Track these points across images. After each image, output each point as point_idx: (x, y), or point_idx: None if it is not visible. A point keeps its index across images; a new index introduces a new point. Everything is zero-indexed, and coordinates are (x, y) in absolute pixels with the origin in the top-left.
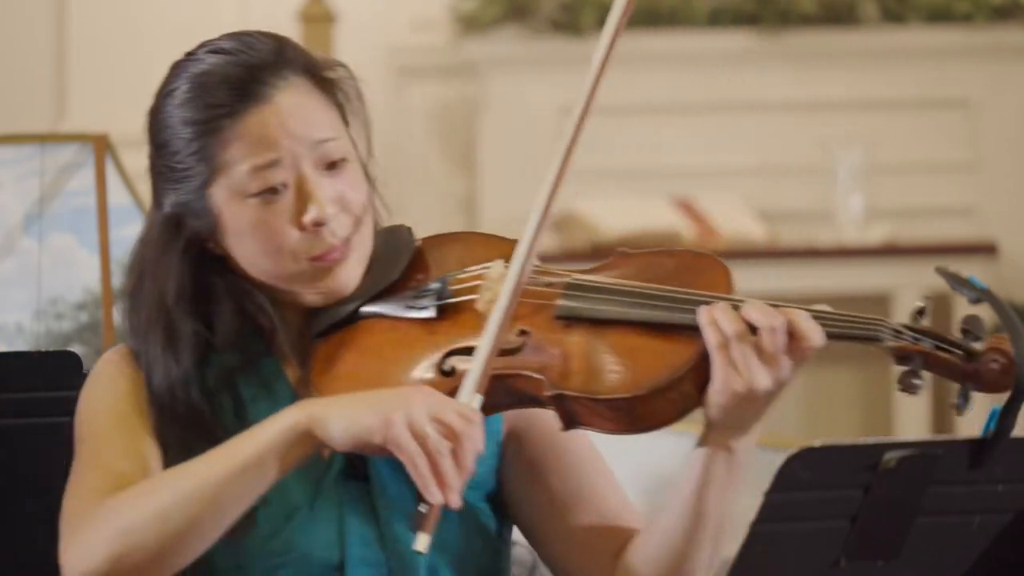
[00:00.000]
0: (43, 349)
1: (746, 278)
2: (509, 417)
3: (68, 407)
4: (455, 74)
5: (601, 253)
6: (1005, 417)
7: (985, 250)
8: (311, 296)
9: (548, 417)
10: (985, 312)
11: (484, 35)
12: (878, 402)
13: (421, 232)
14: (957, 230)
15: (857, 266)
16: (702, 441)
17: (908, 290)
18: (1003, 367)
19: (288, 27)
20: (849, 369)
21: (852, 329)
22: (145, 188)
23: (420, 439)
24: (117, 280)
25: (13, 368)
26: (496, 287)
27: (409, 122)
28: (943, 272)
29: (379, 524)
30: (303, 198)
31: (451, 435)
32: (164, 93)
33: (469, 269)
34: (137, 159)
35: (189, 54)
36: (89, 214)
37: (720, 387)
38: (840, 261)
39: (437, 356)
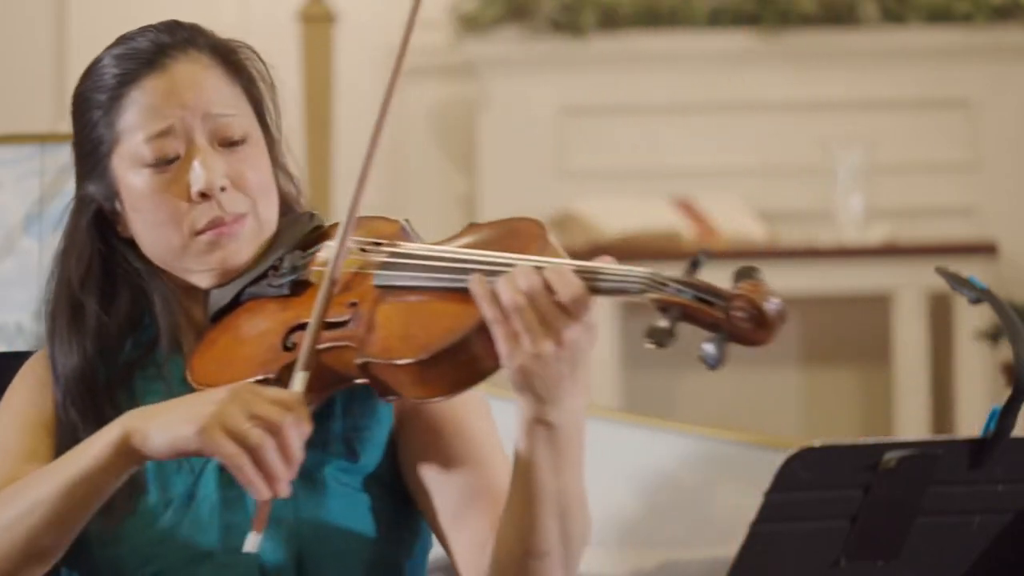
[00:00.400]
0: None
1: None
2: (400, 402)
3: None
4: (455, 74)
5: (601, 253)
6: (1005, 417)
7: (985, 250)
8: (201, 275)
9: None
10: (985, 312)
11: (484, 35)
12: (878, 402)
13: (421, 232)
14: (957, 230)
15: (857, 266)
16: (519, 417)
17: (908, 290)
18: (751, 316)
19: (288, 27)
20: (849, 369)
21: (612, 282)
22: None
23: (239, 439)
24: None
25: (13, 368)
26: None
27: (409, 122)
28: (943, 272)
29: (250, 512)
30: (191, 169)
31: (271, 427)
32: (81, 76)
33: (320, 245)
34: None
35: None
36: None
37: (507, 358)
38: (840, 261)
39: (283, 332)
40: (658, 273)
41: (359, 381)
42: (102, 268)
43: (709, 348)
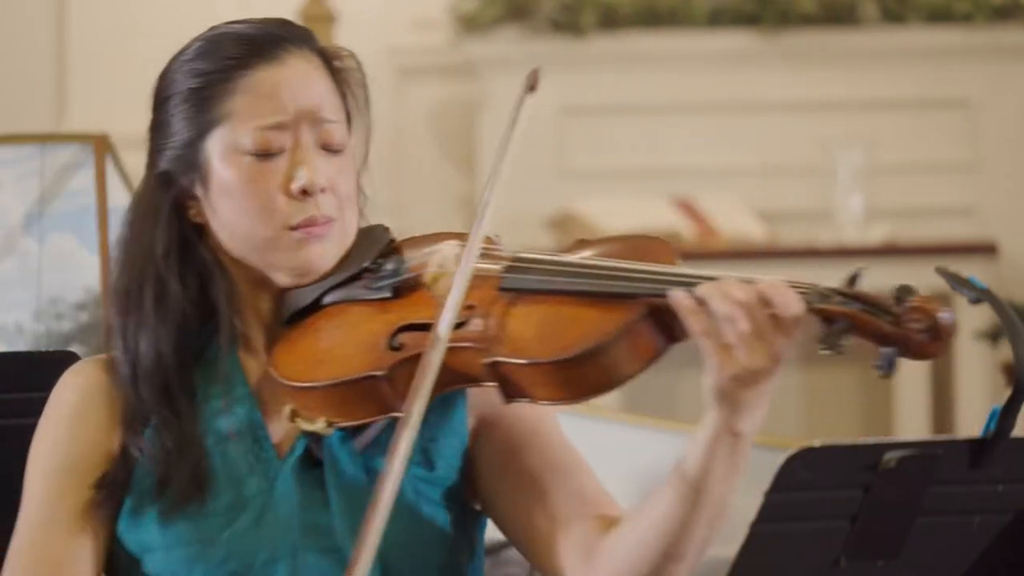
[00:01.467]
0: (43, 349)
1: None
2: (476, 408)
3: None
4: (455, 74)
5: None
6: (1005, 417)
7: (985, 250)
8: (281, 273)
9: (519, 408)
10: (985, 312)
11: (484, 35)
12: (878, 402)
13: (421, 232)
14: (957, 230)
15: (857, 266)
16: (706, 424)
17: None
18: (927, 328)
19: None
20: (849, 369)
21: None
22: None
23: None
24: None
25: (13, 368)
26: (448, 264)
27: (409, 122)
28: (943, 272)
29: (333, 513)
30: (296, 165)
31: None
32: (175, 56)
33: (424, 250)
34: (137, 159)
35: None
36: (89, 214)
37: (716, 370)
38: (840, 261)
39: (388, 333)
40: (826, 286)
41: (484, 383)
42: (180, 250)
43: (884, 361)
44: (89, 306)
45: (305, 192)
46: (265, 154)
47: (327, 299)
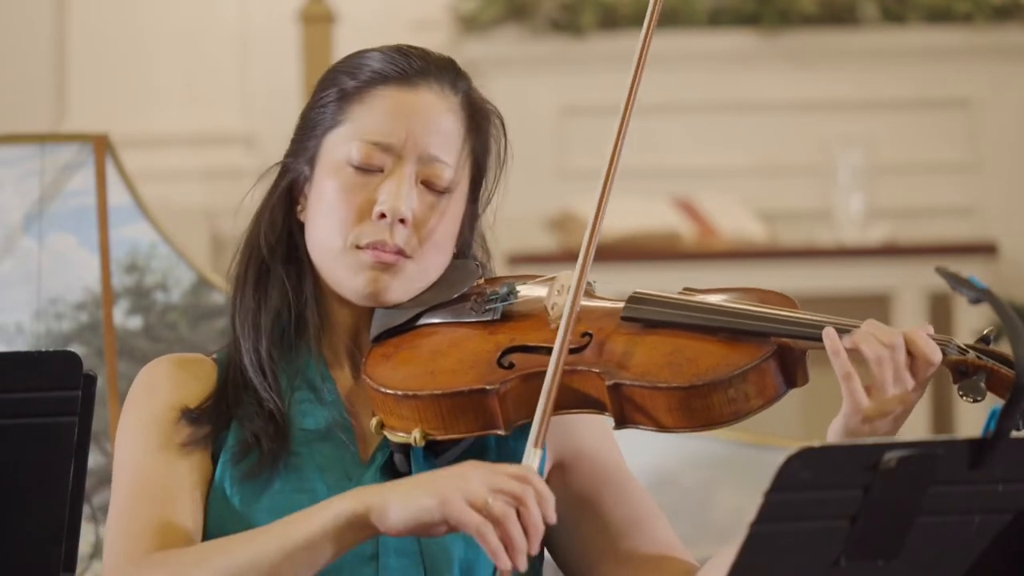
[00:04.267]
0: (43, 349)
1: (746, 278)
2: (554, 450)
3: (68, 407)
4: None
5: (601, 253)
6: (1005, 417)
7: (985, 250)
8: (349, 289)
9: (599, 449)
10: (985, 312)
11: (484, 35)
12: None
13: None
14: (957, 230)
15: (857, 266)
16: None
17: (908, 290)
18: None
19: (288, 27)
20: None
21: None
22: (145, 188)
23: (483, 510)
24: (117, 280)
25: (13, 368)
26: (565, 293)
27: None
28: (943, 272)
29: None
30: (385, 189)
31: (514, 500)
32: (348, 56)
33: (536, 278)
34: (137, 159)
35: None
36: (89, 214)
37: (848, 410)
38: (840, 261)
39: (497, 351)
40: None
41: (600, 407)
42: (287, 242)
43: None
44: (89, 306)
45: (383, 216)
46: (365, 169)
47: (423, 320)
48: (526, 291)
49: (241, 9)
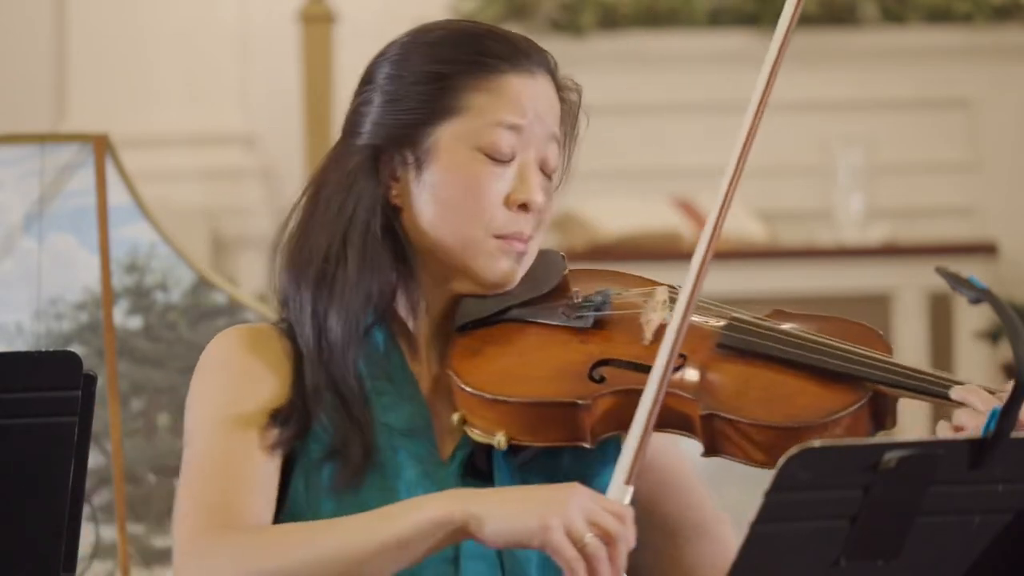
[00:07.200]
0: (43, 349)
1: (746, 278)
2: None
3: (68, 407)
4: None
5: (601, 253)
6: (1005, 417)
7: (985, 250)
8: (468, 280)
9: (666, 452)
10: (985, 312)
11: None
12: None
13: None
14: (957, 230)
15: (857, 266)
16: None
17: (908, 290)
18: None
19: (288, 27)
20: None
21: None
22: (145, 188)
23: (579, 545)
24: (117, 280)
25: (13, 368)
26: (661, 310)
27: None
28: (943, 272)
29: None
30: (523, 178)
31: (607, 538)
32: (415, 32)
33: (633, 290)
34: (137, 159)
35: None
36: (89, 214)
37: None
38: (840, 261)
39: (588, 363)
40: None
41: (689, 432)
42: (382, 228)
43: None
44: (89, 306)
45: (524, 207)
46: (495, 157)
47: (510, 315)
48: (619, 300)
49: (241, 9)
